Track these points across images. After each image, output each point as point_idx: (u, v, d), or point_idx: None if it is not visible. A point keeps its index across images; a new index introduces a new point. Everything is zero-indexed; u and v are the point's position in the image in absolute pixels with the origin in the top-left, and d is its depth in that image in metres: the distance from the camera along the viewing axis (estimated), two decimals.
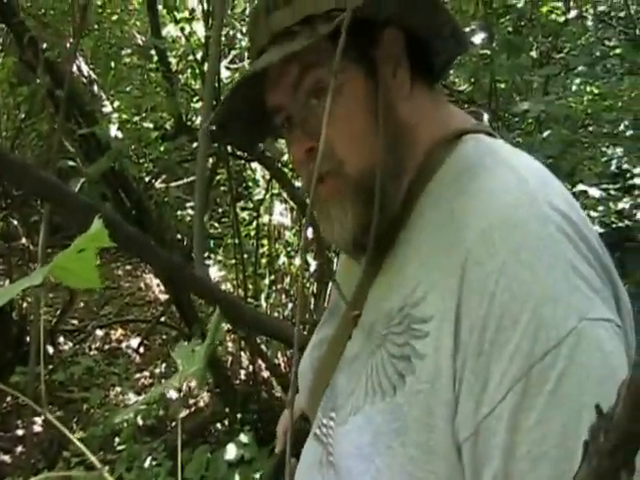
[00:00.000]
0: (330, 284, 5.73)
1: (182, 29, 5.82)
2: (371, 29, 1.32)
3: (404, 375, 1.18)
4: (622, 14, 6.79)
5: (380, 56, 1.33)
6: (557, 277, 1.08)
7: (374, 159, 1.31)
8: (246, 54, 6.37)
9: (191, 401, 6.38)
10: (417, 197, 1.33)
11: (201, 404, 6.42)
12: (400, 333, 1.21)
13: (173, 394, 5.95)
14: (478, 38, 4.29)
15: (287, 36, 1.30)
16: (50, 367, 6.87)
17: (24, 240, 7.50)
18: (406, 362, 1.18)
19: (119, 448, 5.42)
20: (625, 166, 4.79)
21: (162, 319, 7.48)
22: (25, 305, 6.85)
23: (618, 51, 5.50)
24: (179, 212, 7.45)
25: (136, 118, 5.59)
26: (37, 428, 5.75)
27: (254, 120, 1.49)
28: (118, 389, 6.99)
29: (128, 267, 9.51)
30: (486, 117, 1.52)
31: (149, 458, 5.15)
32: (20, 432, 5.98)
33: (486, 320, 1.08)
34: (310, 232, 5.25)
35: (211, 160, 5.65)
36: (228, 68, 6.27)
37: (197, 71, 5.81)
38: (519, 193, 1.17)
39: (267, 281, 6.62)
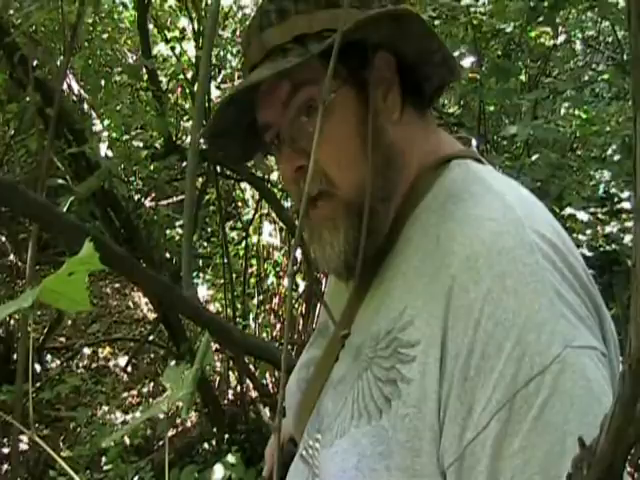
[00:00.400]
0: (319, 305, 5.75)
1: (172, 48, 5.83)
2: (363, 52, 1.32)
3: (390, 399, 1.19)
4: (610, 39, 6.83)
5: (371, 79, 1.33)
6: (542, 304, 1.09)
7: (364, 180, 1.31)
8: (236, 74, 6.40)
9: (178, 421, 6.36)
10: (404, 222, 1.34)
11: (189, 424, 6.40)
12: (387, 357, 1.22)
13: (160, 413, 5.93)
14: (467, 62, 4.31)
15: (279, 53, 1.31)
16: (37, 385, 6.84)
17: (12, 256, 7.48)
18: (392, 386, 1.19)
19: (106, 467, 5.40)
20: (613, 190, 4.81)
21: (150, 338, 7.45)
22: (12, 322, 6.82)
23: (606, 76, 5.54)
24: (168, 231, 7.43)
25: (126, 137, 5.60)
26: (23, 446, 5.72)
27: (245, 135, 1.50)
28: (105, 408, 6.96)
29: (116, 285, 9.47)
30: (474, 142, 1.52)
31: (136, 478, 5.13)
32: (6, 450, 5.94)
33: (471, 347, 1.10)
34: (299, 253, 5.26)
35: (200, 179, 5.65)
36: (218, 88, 6.28)
37: (187, 90, 5.82)
38: (505, 220, 1.18)
39: (256, 301, 6.61)
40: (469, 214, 1.22)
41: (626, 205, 4.54)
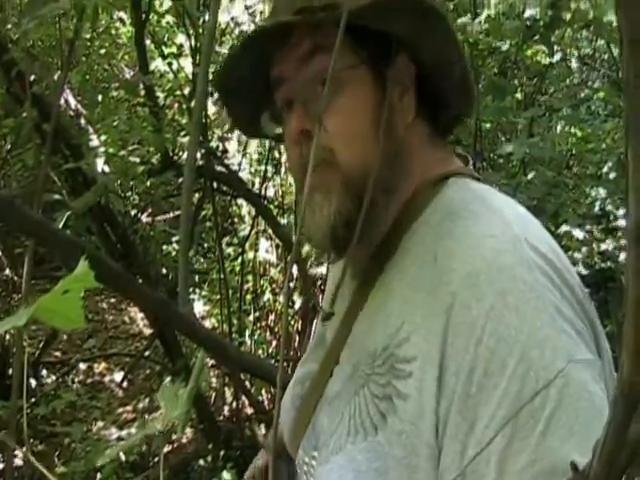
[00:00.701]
0: (314, 322, 5.75)
1: (170, 64, 5.83)
2: (386, 50, 1.34)
3: (386, 415, 1.19)
4: (605, 56, 6.85)
5: (390, 76, 1.34)
6: (544, 320, 1.10)
7: (367, 160, 1.31)
8: None
9: (174, 437, 6.34)
10: (402, 235, 1.35)
11: (184, 440, 6.38)
12: (383, 374, 1.23)
13: None
14: None
15: (308, 14, 1.29)
16: (32, 400, 6.81)
17: (8, 271, 7.46)
18: (388, 402, 1.20)
19: None
20: (608, 208, 4.82)
21: (146, 354, 7.44)
22: (7, 337, 6.80)
23: (601, 94, 5.55)
24: (164, 246, 7.43)
25: (122, 152, 5.59)
26: (18, 461, 5.69)
27: (255, 96, 1.50)
28: (100, 423, 6.93)
29: (112, 300, 9.46)
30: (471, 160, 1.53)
31: None
32: (0, 466, 5.91)
33: (474, 364, 1.10)
34: (295, 270, 5.26)
35: (197, 195, 5.65)
36: (216, 104, 6.29)
37: (184, 107, 5.82)
38: (504, 238, 1.19)
39: (252, 317, 6.60)
40: (468, 232, 1.23)
41: (622, 223, 4.55)
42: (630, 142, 0.52)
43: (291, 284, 5.95)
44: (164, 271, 7.27)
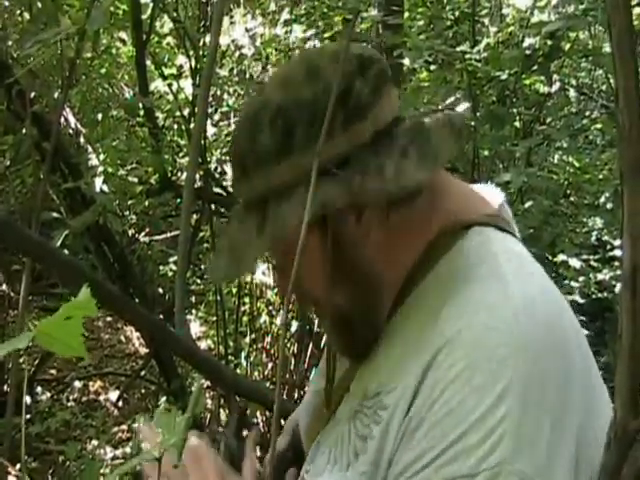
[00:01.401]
0: (310, 345, 5.74)
1: (169, 85, 5.84)
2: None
3: (358, 454, 1.25)
4: (604, 87, 6.87)
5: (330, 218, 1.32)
6: (501, 412, 1.09)
7: (347, 298, 1.37)
8: (232, 114, 6.43)
9: None
10: (417, 283, 1.34)
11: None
12: (369, 416, 1.27)
13: None
14: (462, 107, 4.33)
15: (246, 209, 1.38)
16: (27, 417, 6.78)
17: (4, 287, 7.44)
18: (363, 442, 1.25)
19: None
20: (605, 237, 4.83)
21: (142, 373, 7.41)
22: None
23: (599, 125, 5.57)
24: (161, 267, 7.42)
25: (121, 172, 5.59)
26: (11, 479, 5.67)
27: None
28: (95, 442, 6.90)
29: (108, 319, 9.44)
30: (501, 197, 1.45)
31: None
32: None
33: (421, 422, 1.15)
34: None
35: (195, 216, 5.65)
36: (215, 125, 6.30)
37: (183, 128, 5.83)
38: (499, 313, 1.18)
39: (248, 339, 6.58)
40: (469, 299, 1.22)
41: (618, 253, 4.56)
42: (625, 187, 0.53)
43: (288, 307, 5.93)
44: (161, 291, 7.26)
